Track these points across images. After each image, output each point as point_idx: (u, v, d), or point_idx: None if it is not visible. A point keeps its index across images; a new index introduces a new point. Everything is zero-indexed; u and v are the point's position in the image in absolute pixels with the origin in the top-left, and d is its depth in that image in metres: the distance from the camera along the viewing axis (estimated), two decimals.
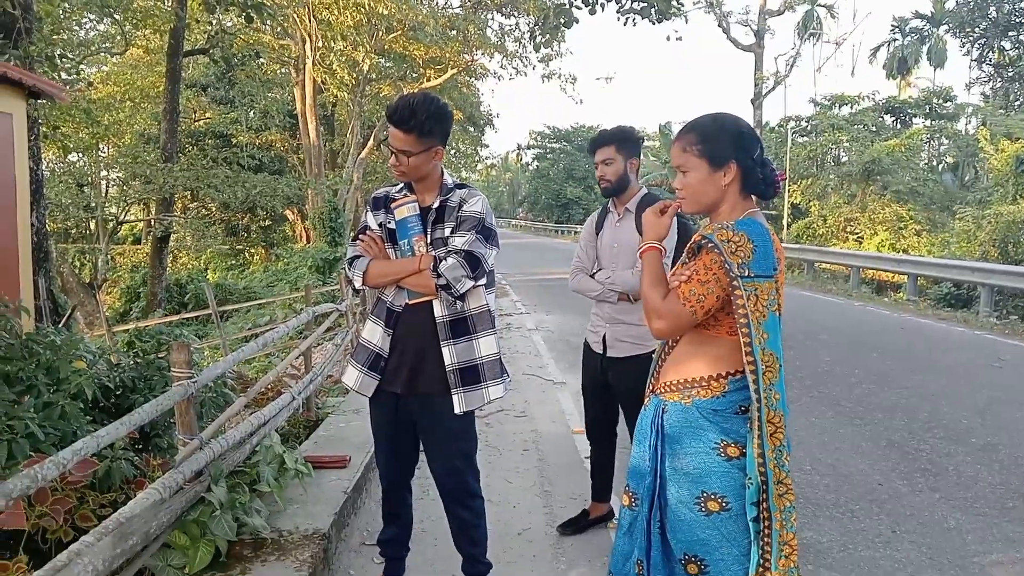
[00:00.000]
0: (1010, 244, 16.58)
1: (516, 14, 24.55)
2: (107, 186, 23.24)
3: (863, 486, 4.61)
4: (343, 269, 2.90)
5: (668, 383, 2.13)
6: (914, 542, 3.83)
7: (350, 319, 7.80)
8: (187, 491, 2.94)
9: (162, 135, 17.04)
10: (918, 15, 45.32)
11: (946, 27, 42.16)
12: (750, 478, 1.95)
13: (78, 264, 22.61)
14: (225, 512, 2.99)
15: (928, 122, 36.06)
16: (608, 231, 3.64)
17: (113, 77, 21.17)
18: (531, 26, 21.51)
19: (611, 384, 3.65)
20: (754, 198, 2.15)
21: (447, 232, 2.77)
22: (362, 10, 19.77)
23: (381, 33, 22.31)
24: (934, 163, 35.30)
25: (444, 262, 2.69)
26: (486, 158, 43.75)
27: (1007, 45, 38.18)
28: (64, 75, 13.50)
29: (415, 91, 3.08)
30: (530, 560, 3.58)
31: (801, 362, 8.06)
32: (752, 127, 2.18)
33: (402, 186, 2.89)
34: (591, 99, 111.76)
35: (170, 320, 13.98)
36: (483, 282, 2.78)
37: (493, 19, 25.70)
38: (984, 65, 40.15)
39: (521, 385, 7.06)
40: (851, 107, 35.83)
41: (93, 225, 21.90)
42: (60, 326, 7.22)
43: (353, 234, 2.94)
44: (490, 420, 5.87)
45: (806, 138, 34.41)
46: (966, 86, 43.02)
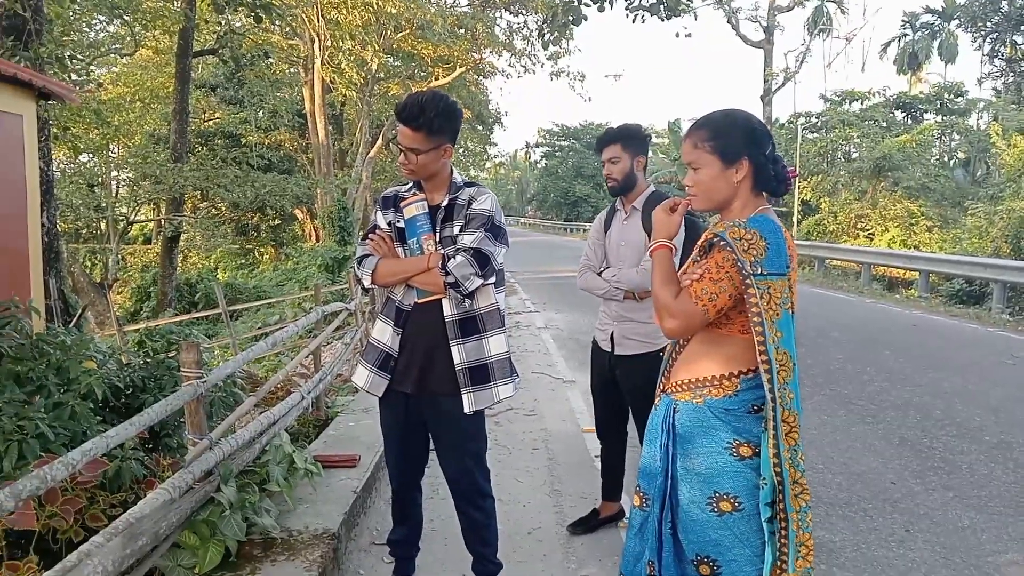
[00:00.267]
0: (1022, 240, 16.45)
1: (524, 12, 24.52)
2: (118, 186, 23.34)
3: (876, 485, 4.58)
4: (352, 268, 2.89)
5: (679, 382, 2.11)
6: (928, 541, 3.80)
7: (359, 318, 7.80)
8: (197, 491, 2.94)
9: (172, 135, 17.10)
10: (929, 10, 44.98)
11: (957, 22, 41.84)
12: (764, 478, 1.93)
13: (89, 264, 22.70)
14: (235, 512, 2.99)
15: (939, 117, 35.83)
16: (616, 229, 3.63)
17: (123, 78, 21.24)
18: (539, 24, 21.48)
19: (619, 382, 3.64)
20: (765, 195, 2.12)
21: (456, 230, 2.76)
22: (370, 9, 19.78)
23: (389, 32, 22.30)
24: (945, 159, 35.08)
25: (453, 260, 2.68)
26: (495, 156, 43.79)
27: (1019, 40, 37.83)
28: (74, 76, 13.58)
29: (424, 89, 3.05)
30: (540, 560, 3.56)
31: (812, 360, 8.02)
32: (763, 123, 2.15)
33: (411, 185, 2.88)
34: (600, 96, 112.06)
35: (180, 319, 14.03)
36: (492, 280, 2.77)
37: (501, 17, 25.66)
38: (996, 60, 39.82)
39: (531, 384, 7.05)
40: (861, 103, 35.64)
41: (104, 225, 21.95)
42: (71, 326, 7.25)
43: (363, 233, 2.93)
44: (500, 419, 5.86)
45: (816, 134, 34.26)
46: (977, 81, 42.84)
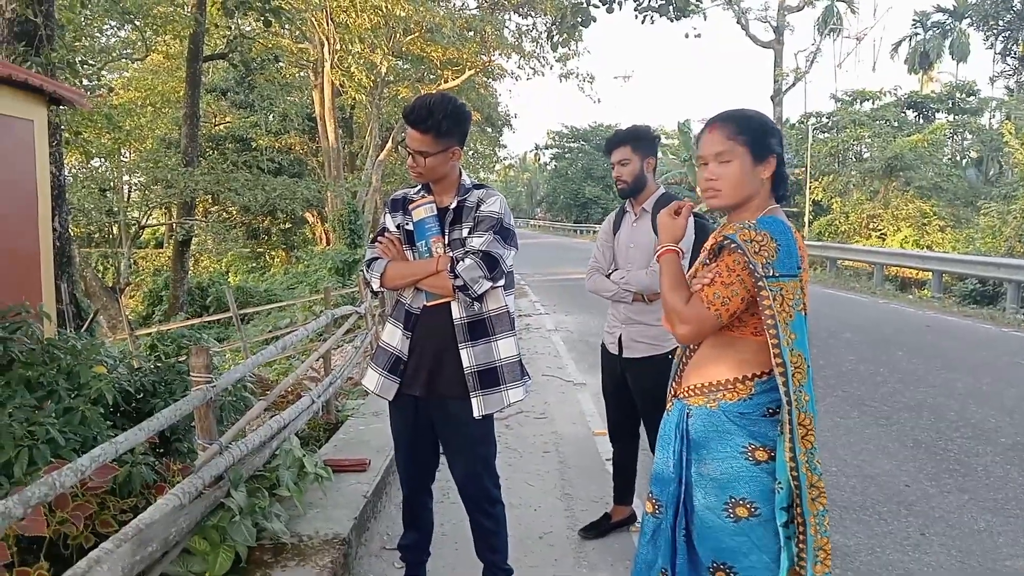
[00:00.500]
0: None
1: (533, 14, 24.55)
2: (129, 191, 23.44)
3: (890, 487, 4.53)
4: (362, 271, 2.90)
5: (691, 387, 2.08)
6: (943, 545, 3.76)
7: (369, 321, 7.80)
8: (207, 496, 2.94)
9: (183, 140, 17.18)
10: (940, 9, 44.70)
11: (969, 20, 41.59)
12: (780, 482, 1.90)
13: (101, 268, 22.83)
14: (245, 517, 2.98)
15: (951, 117, 35.60)
16: (625, 231, 3.60)
17: (134, 83, 21.38)
18: (549, 26, 21.48)
19: (629, 385, 3.62)
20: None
21: (465, 233, 2.74)
22: (380, 12, 19.83)
23: (399, 35, 22.35)
24: (958, 158, 34.83)
25: (461, 263, 2.66)
26: (504, 158, 43.82)
27: None
28: (85, 81, 13.65)
29: (432, 92, 3.04)
30: (551, 564, 3.54)
31: (825, 361, 7.96)
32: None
33: (420, 187, 2.87)
34: (609, 98, 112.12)
35: (192, 323, 14.10)
36: (501, 283, 2.76)
37: (510, 19, 25.71)
38: (1008, 58, 39.57)
39: (541, 386, 7.02)
40: (872, 102, 35.44)
41: (116, 229, 22.09)
42: (82, 330, 7.28)
43: (372, 236, 2.92)
44: (510, 422, 5.84)
45: (827, 134, 34.09)
46: (990, 80, 42.46)
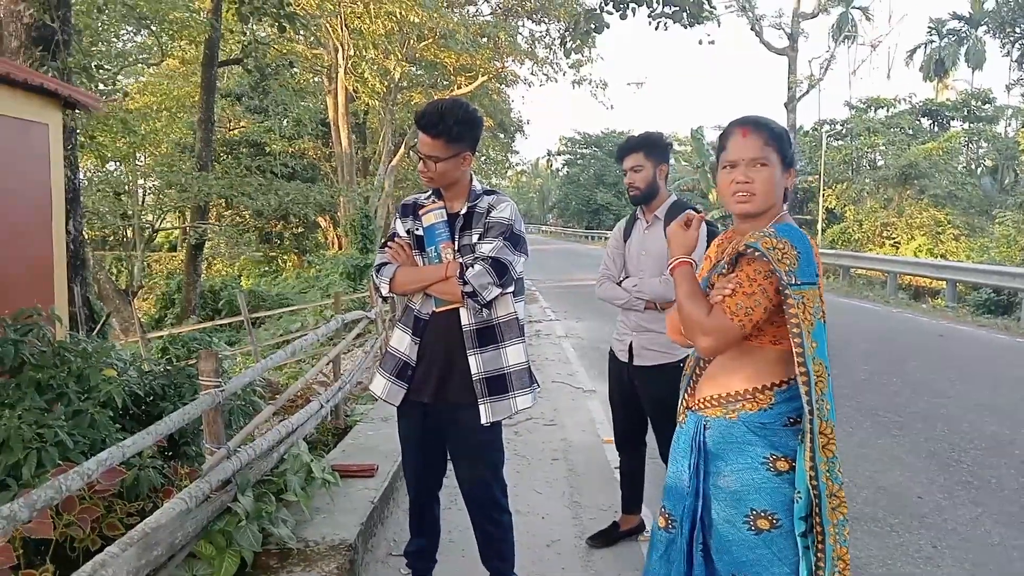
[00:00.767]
0: None
1: (547, 20, 24.60)
2: (144, 194, 23.59)
3: (903, 499, 4.48)
4: (372, 276, 2.90)
5: (708, 398, 2.05)
6: (956, 558, 3.71)
7: (380, 326, 7.80)
8: (213, 500, 2.94)
9: (197, 144, 17.28)
10: (955, 16, 44.49)
11: (985, 28, 41.34)
12: (799, 492, 1.88)
13: (115, 271, 22.98)
14: (251, 522, 2.98)
15: (966, 125, 35.42)
16: (636, 238, 3.58)
17: (150, 87, 21.49)
18: (562, 32, 21.49)
19: (639, 393, 3.59)
20: None
21: (475, 238, 2.74)
22: (393, 19, 19.89)
23: (412, 41, 22.43)
24: (972, 166, 34.62)
25: (471, 269, 2.65)
26: (516, 164, 43.85)
27: None
28: (101, 86, 13.75)
29: (444, 97, 3.06)
30: (559, 573, 3.51)
31: (838, 370, 7.85)
32: None
33: (431, 192, 2.86)
34: (622, 104, 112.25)
35: (203, 327, 14.15)
36: (511, 290, 2.75)
37: (524, 26, 25.77)
38: None
39: (551, 393, 7.00)
40: (887, 110, 35.32)
41: (130, 233, 22.24)
42: (94, 333, 7.32)
43: (382, 241, 2.92)
44: (519, 429, 5.82)
45: (841, 142, 33.98)
46: (1006, 88, 42.14)
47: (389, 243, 2.85)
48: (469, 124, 2.71)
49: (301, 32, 17.98)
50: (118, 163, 20.08)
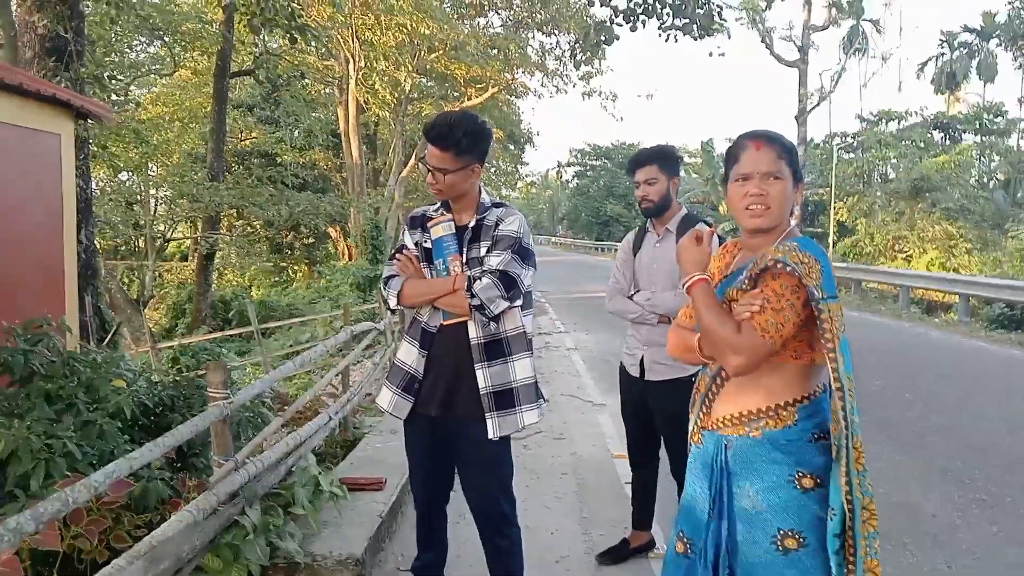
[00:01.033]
0: None
1: (557, 32, 24.67)
2: (156, 204, 23.74)
3: (916, 517, 4.43)
4: (380, 288, 2.89)
5: (727, 417, 2.00)
6: None
7: (389, 337, 7.80)
8: (221, 513, 2.92)
9: (209, 154, 17.40)
10: (967, 29, 44.37)
11: (996, 41, 41.26)
12: (834, 509, 1.84)
13: (126, 281, 23.09)
14: (258, 536, 2.96)
15: (978, 138, 35.27)
16: (647, 251, 3.56)
17: (162, 98, 21.66)
18: (572, 44, 21.56)
19: (651, 408, 3.56)
20: None
21: (483, 251, 2.72)
22: (404, 31, 19.98)
23: (423, 53, 22.52)
24: (985, 180, 34.47)
25: (479, 282, 2.64)
26: (526, 176, 43.93)
27: None
28: (114, 96, 13.85)
29: (453, 109, 3.06)
30: None
31: None
32: None
33: (439, 205, 2.85)
34: (632, 116, 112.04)
35: (214, 337, 14.18)
36: (518, 303, 2.73)
37: (534, 38, 25.85)
38: None
39: (560, 406, 6.97)
40: (898, 123, 35.22)
41: (142, 242, 22.37)
42: (105, 343, 7.35)
43: (390, 253, 2.91)
44: (528, 443, 5.78)
45: (852, 154, 33.90)
46: (1018, 101, 42.05)
47: (397, 255, 2.84)
48: (478, 136, 2.70)
49: (312, 44, 18.06)
50: (130, 173, 20.23)
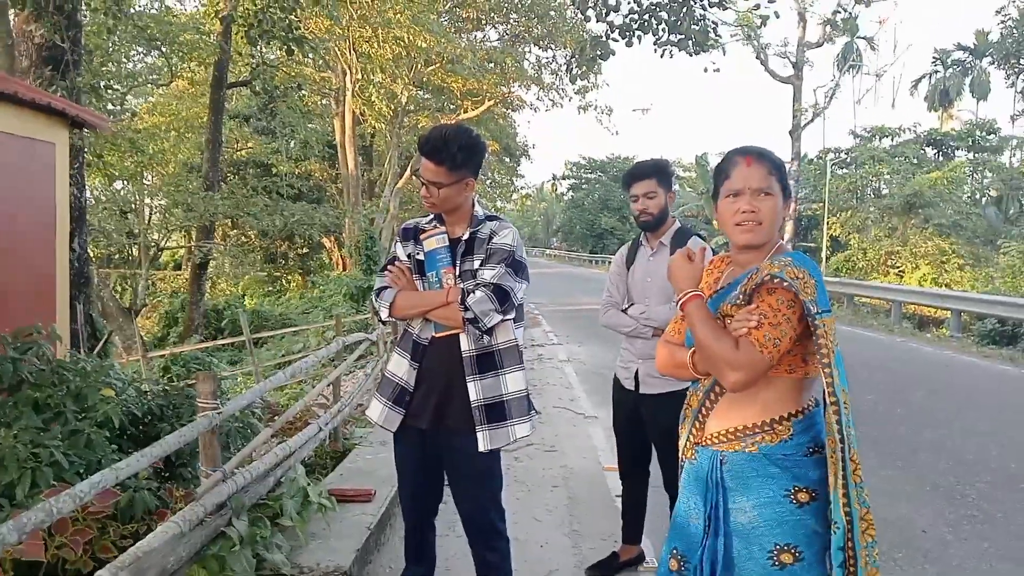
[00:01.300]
0: None
1: (553, 47, 24.81)
2: (150, 213, 23.71)
3: (906, 533, 4.42)
4: (372, 300, 2.88)
5: (721, 432, 2.00)
6: None
7: (381, 348, 7.78)
8: (208, 524, 2.90)
9: (205, 164, 17.39)
10: (960, 47, 44.75)
11: (989, 59, 41.58)
12: (836, 522, 1.84)
13: (119, 289, 23.02)
14: (245, 547, 2.94)
15: (971, 155, 35.48)
16: (640, 265, 3.56)
17: (159, 108, 21.67)
18: (568, 58, 21.66)
19: (644, 421, 3.55)
20: None
21: (476, 264, 2.72)
22: (401, 43, 20.06)
23: (420, 66, 22.61)
24: (977, 196, 34.63)
25: (472, 295, 2.63)
26: (521, 188, 43.98)
27: None
28: (110, 105, 13.85)
29: (448, 122, 3.07)
30: None
31: None
32: None
33: (432, 217, 2.85)
34: (627, 130, 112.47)
35: (206, 346, 14.12)
36: (511, 316, 2.72)
37: (530, 52, 25.98)
38: None
39: (552, 418, 6.95)
40: (892, 139, 35.40)
41: (135, 251, 22.32)
42: (96, 351, 7.31)
43: (382, 264, 2.91)
44: (519, 455, 5.77)
45: (846, 170, 34.04)
46: (1010, 119, 42.34)
47: (389, 267, 2.84)
48: (472, 150, 2.70)
49: (309, 55, 18.16)
50: (125, 182, 20.20)
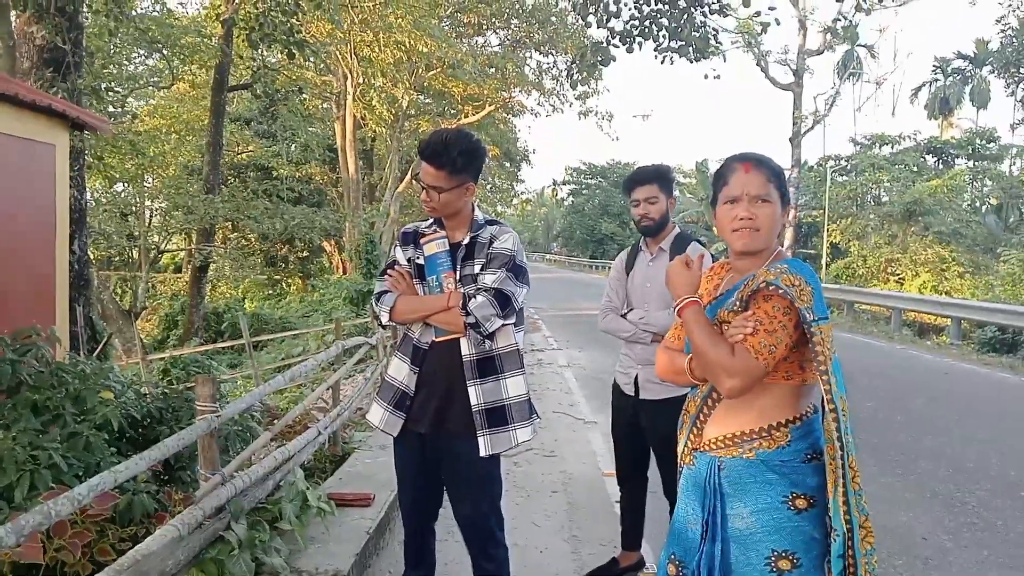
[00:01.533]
0: None
1: (554, 52, 24.82)
2: (150, 216, 23.71)
3: (906, 540, 4.41)
4: (372, 304, 2.88)
5: (719, 438, 2.00)
6: None
7: (381, 352, 7.77)
8: (206, 528, 2.89)
9: (205, 167, 17.40)
10: (960, 55, 44.88)
11: (989, 68, 41.67)
12: (836, 529, 1.84)
13: (119, 292, 23.00)
14: (243, 551, 2.93)
15: (971, 163, 35.55)
16: (640, 270, 3.56)
17: (159, 110, 21.68)
18: (569, 64, 21.68)
19: (643, 427, 3.54)
20: None
21: (477, 269, 2.72)
22: (402, 48, 20.08)
23: (421, 70, 22.62)
24: (977, 204, 34.68)
25: (473, 300, 2.63)
26: (521, 193, 43.98)
27: None
28: (111, 108, 13.86)
29: (448, 127, 3.07)
30: None
31: None
32: None
33: (432, 221, 2.85)
34: (628, 136, 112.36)
35: (205, 349, 14.11)
36: (512, 321, 2.72)
37: (531, 57, 25.99)
38: None
39: (551, 423, 6.94)
40: (892, 147, 35.47)
41: (135, 253, 22.32)
42: (95, 354, 7.30)
43: (382, 269, 2.90)
44: (519, 460, 5.76)
45: (846, 177, 34.10)
46: (1010, 127, 42.51)
47: (389, 271, 2.84)
48: (472, 155, 2.70)
49: (311, 59, 18.16)
50: (126, 184, 20.21)
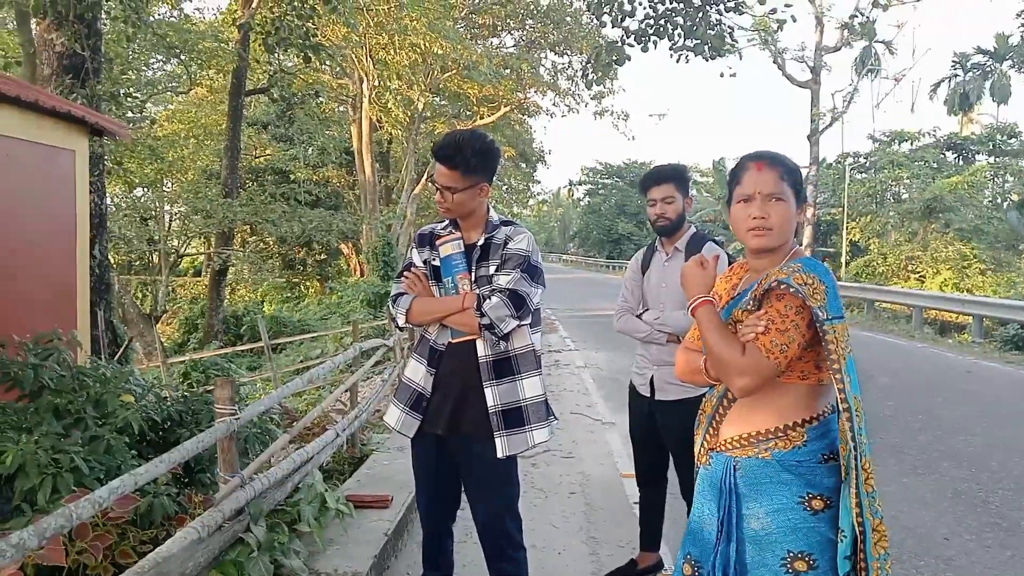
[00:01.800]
0: None
1: (569, 52, 24.83)
2: (170, 220, 23.92)
3: (928, 540, 4.37)
4: (389, 306, 2.89)
5: (735, 439, 1.99)
6: None
7: (398, 354, 7.79)
8: (226, 530, 2.91)
9: (223, 171, 17.54)
10: (980, 50, 44.30)
11: (1010, 62, 41.16)
12: (843, 531, 1.83)
13: (139, 296, 23.22)
14: (263, 553, 2.95)
15: (992, 159, 35.11)
16: (656, 271, 3.55)
17: (178, 115, 21.90)
18: (584, 64, 21.65)
19: (659, 428, 3.53)
20: None
21: (492, 270, 2.72)
22: (418, 50, 20.16)
23: (436, 72, 22.70)
24: (999, 200, 34.22)
25: (488, 301, 2.63)
26: (538, 194, 44.01)
27: None
28: (130, 113, 13.99)
29: (463, 128, 3.08)
30: None
31: None
32: None
33: (448, 223, 2.86)
34: (644, 135, 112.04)
35: (225, 352, 14.22)
36: (528, 322, 2.72)
37: (546, 58, 26.02)
38: None
39: (569, 424, 6.94)
40: (911, 143, 35.12)
41: (155, 258, 22.53)
42: (116, 357, 7.38)
43: (398, 271, 2.92)
44: (536, 461, 5.76)
45: (865, 175, 33.80)
46: None
47: (405, 273, 2.84)
48: (486, 155, 2.70)
49: (327, 63, 18.28)
50: (145, 189, 20.41)
